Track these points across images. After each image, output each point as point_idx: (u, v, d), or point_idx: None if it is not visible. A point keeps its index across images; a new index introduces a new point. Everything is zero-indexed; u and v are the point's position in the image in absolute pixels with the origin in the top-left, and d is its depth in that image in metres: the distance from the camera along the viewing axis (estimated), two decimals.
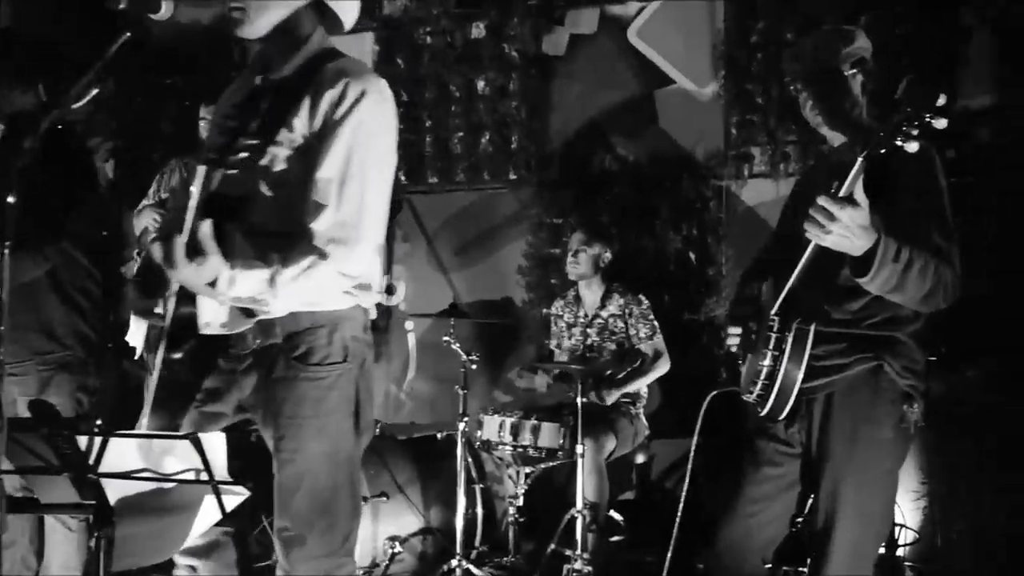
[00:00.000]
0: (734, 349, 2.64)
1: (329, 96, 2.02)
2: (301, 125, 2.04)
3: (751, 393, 2.46)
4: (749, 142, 4.89)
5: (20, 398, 2.83)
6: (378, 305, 2.04)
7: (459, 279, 5.49)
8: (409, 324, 5.55)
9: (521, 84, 5.34)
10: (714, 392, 3.39)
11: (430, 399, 5.48)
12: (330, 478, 2.08)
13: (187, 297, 2.08)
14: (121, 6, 1.95)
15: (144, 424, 2.11)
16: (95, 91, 1.82)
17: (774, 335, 2.39)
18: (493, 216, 5.45)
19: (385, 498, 4.01)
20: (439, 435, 4.43)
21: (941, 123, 1.98)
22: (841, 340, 2.38)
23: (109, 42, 1.92)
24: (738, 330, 2.61)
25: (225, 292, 1.95)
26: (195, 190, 2.07)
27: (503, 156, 5.36)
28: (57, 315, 2.90)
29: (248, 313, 2.08)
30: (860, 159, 2.07)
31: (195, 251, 1.88)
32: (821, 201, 2.08)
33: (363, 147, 2.03)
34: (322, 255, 1.99)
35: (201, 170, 2.08)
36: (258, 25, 2.10)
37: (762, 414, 2.45)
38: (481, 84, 5.42)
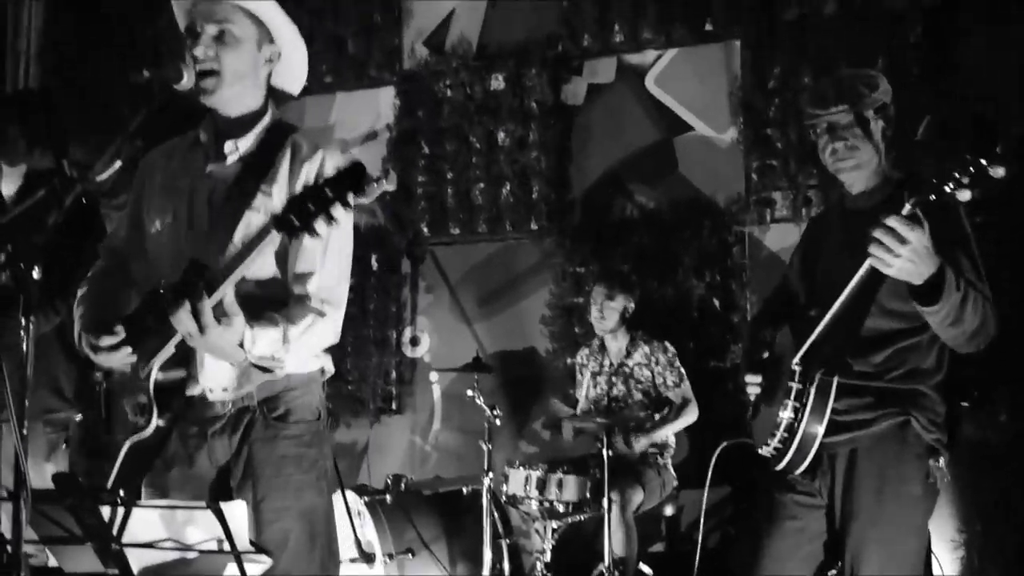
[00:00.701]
0: (753, 398, 2.58)
1: (308, 167, 2.16)
2: (279, 191, 2.14)
3: (767, 446, 2.40)
4: (770, 187, 4.88)
5: (29, 460, 2.84)
6: (402, 357, 2.04)
7: (482, 329, 5.48)
8: (433, 376, 5.54)
9: (541, 134, 5.36)
10: (724, 444, 3.36)
11: (455, 451, 5.44)
12: (313, 534, 2.17)
13: (171, 362, 2.09)
14: (145, 76, 2.01)
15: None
16: (118, 164, 1.85)
17: (795, 385, 2.33)
18: (515, 266, 5.45)
19: (411, 555, 3.97)
20: (465, 490, 4.39)
21: (999, 172, 1.87)
22: (865, 394, 2.33)
23: (132, 113, 1.96)
24: (758, 378, 2.53)
25: (250, 351, 2.01)
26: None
27: (524, 206, 5.38)
28: (64, 371, 2.93)
29: (265, 371, 2.13)
30: (908, 205, 1.97)
31: (220, 315, 1.93)
32: (891, 222, 1.96)
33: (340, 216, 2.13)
34: (320, 314, 2.12)
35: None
36: (227, 94, 2.18)
37: (778, 468, 2.39)
38: (501, 135, 5.45)
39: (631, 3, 5.23)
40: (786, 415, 2.32)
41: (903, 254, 1.95)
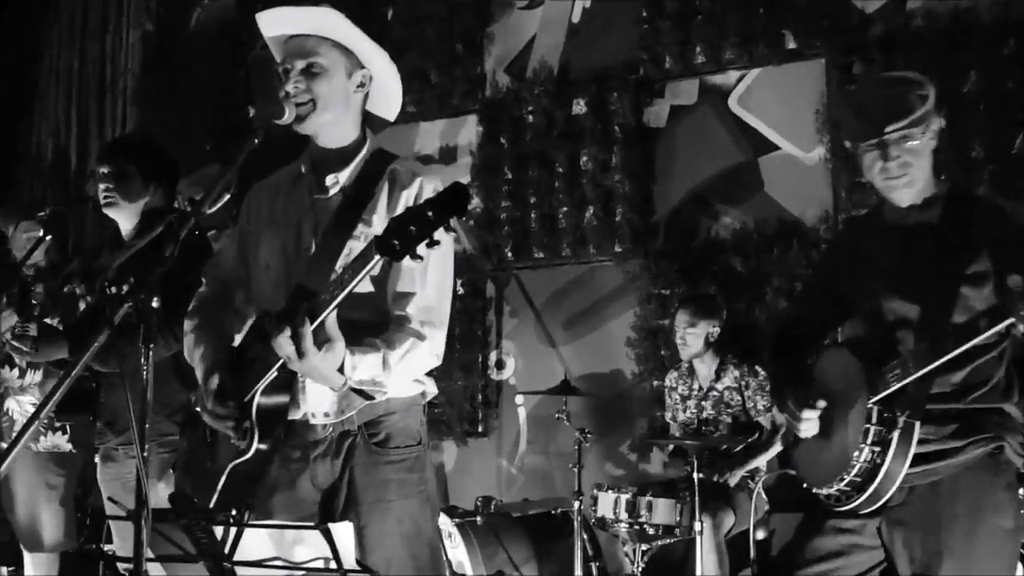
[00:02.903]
0: (807, 435, 2.32)
1: (406, 194, 2.20)
2: (379, 220, 2.17)
3: (829, 487, 2.22)
4: (859, 205, 4.77)
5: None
6: (488, 380, 2.08)
7: (568, 352, 5.49)
8: (519, 398, 5.57)
9: (623, 157, 5.37)
10: (763, 476, 3.22)
11: (542, 474, 5.45)
12: (416, 560, 2.16)
13: (273, 387, 2.13)
14: (250, 112, 2.09)
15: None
16: (228, 196, 1.93)
17: (873, 428, 2.15)
18: (600, 289, 5.45)
19: None
20: (554, 512, 4.40)
21: None
22: (949, 420, 2.16)
23: (239, 148, 2.04)
24: (815, 414, 2.29)
25: (350, 376, 2.03)
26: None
27: (608, 229, 5.39)
28: (179, 398, 3.02)
29: (366, 396, 2.14)
30: None
31: (322, 339, 1.96)
32: None
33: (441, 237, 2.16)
34: (420, 336, 2.12)
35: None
36: (321, 120, 2.24)
37: (844, 508, 2.22)
38: (584, 159, 5.48)
39: (712, 24, 5.22)
40: (863, 457, 2.15)
41: None
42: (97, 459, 3.22)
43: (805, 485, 2.35)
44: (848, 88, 4.45)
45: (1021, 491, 2.19)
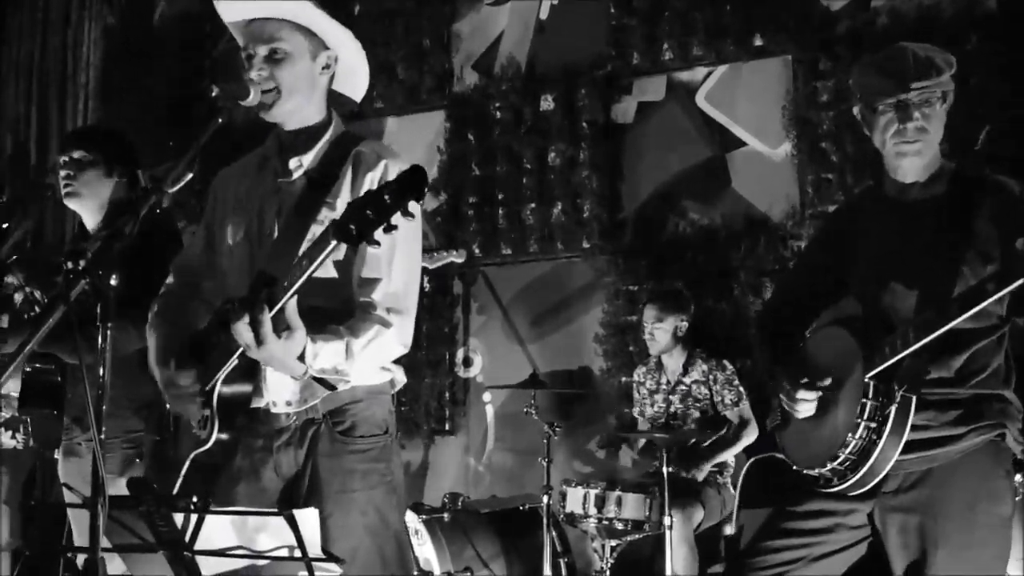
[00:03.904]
0: (803, 416, 2.26)
1: (371, 176, 2.15)
2: (342, 203, 2.09)
3: (822, 467, 2.18)
4: (826, 200, 4.81)
5: (106, 475, 2.88)
6: (455, 378, 2.04)
7: (536, 350, 5.46)
8: (487, 396, 5.53)
9: (591, 153, 5.37)
10: (752, 460, 3.18)
11: (509, 471, 5.42)
12: (381, 551, 2.12)
13: (235, 376, 2.09)
14: (214, 92, 2.04)
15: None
16: (191, 175, 1.88)
17: (869, 403, 2.09)
18: (568, 285, 5.43)
19: (469, 573, 3.95)
20: (522, 507, 4.37)
21: None
22: (949, 406, 2.12)
23: (201, 128, 1.99)
24: (814, 395, 2.22)
25: (311, 365, 1.99)
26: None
27: (576, 225, 5.37)
28: (147, 392, 2.95)
29: (328, 386, 2.10)
30: None
31: (281, 327, 1.91)
32: None
33: (404, 223, 2.10)
34: (385, 324, 2.07)
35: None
36: (286, 108, 2.20)
37: (836, 488, 2.17)
38: (552, 155, 5.46)
39: (679, 21, 5.23)
40: (858, 435, 2.10)
41: None
42: (58, 455, 3.14)
43: (795, 467, 2.30)
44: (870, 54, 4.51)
45: (1018, 477, 2.16)
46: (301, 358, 1.97)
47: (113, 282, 1.62)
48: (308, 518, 1.80)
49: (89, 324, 1.66)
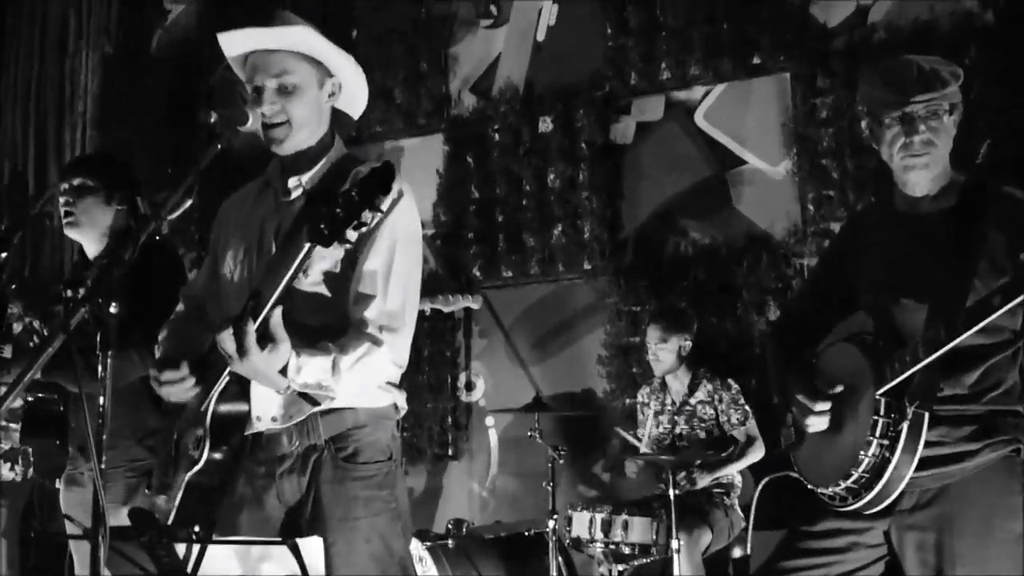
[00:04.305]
0: (815, 430, 2.25)
1: None
2: None
3: (836, 486, 2.15)
4: (828, 217, 4.80)
5: (108, 505, 2.84)
6: (458, 402, 2.01)
7: (538, 372, 5.43)
8: (490, 420, 5.49)
9: (591, 174, 5.36)
10: (765, 480, 3.12)
11: (513, 496, 5.37)
12: None
13: (230, 395, 2.07)
14: (212, 118, 2.03)
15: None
16: (189, 202, 1.86)
17: (881, 419, 2.07)
18: (570, 307, 5.40)
19: None
20: (527, 532, 4.32)
21: None
22: (964, 422, 2.10)
23: (200, 155, 1.98)
24: (828, 404, 2.21)
25: (294, 379, 1.96)
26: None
27: (576, 246, 5.35)
28: (151, 421, 2.92)
29: (312, 402, 2.08)
30: None
31: (266, 339, 1.89)
32: None
33: (403, 241, 2.13)
34: (376, 342, 2.04)
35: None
36: (298, 139, 2.20)
37: (851, 507, 2.15)
38: (551, 176, 5.45)
39: (677, 40, 5.24)
40: (870, 452, 2.08)
41: None
42: (59, 484, 3.10)
43: (809, 486, 2.27)
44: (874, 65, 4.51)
45: None
46: (284, 372, 1.94)
47: (113, 310, 1.59)
48: (312, 547, 1.77)
49: (90, 352, 1.64)
